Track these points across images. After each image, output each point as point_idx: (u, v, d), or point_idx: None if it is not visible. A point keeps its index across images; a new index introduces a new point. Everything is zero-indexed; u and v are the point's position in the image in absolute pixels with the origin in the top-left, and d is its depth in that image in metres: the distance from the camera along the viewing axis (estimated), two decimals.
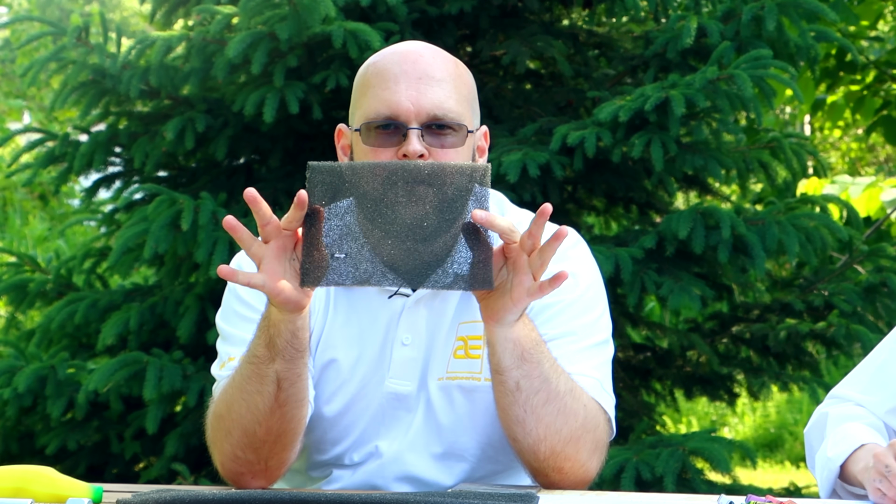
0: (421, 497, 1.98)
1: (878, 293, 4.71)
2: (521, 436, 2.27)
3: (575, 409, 2.27)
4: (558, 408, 2.25)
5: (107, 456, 4.71)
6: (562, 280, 2.14)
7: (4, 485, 2.09)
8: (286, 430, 2.28)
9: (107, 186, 5.04)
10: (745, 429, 9.52)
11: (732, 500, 2.09)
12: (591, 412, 2.30)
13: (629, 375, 4.98)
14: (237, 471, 2.31)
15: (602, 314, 2.44)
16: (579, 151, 4.27)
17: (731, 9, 4.54)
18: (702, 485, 4.12)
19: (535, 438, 2.26)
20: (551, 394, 2.24)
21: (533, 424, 2.25)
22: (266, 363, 2.21)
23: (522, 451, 2.29)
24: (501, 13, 4.87)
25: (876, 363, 2.47)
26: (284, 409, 2.25)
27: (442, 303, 2.42)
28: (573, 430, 2.27)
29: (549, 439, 2.26)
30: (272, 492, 1.99)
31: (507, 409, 2.26)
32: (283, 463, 2.33)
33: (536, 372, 2.23)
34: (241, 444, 2.28)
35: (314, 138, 4.72)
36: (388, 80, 2.34)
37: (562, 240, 2.14)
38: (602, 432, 2.33)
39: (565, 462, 2.28)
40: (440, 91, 2.34)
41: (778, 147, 4.79)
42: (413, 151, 2.30)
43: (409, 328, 2.41)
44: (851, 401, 2.45)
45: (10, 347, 4.77)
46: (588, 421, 2.29)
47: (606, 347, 2.44)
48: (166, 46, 4.57)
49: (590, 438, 2.29)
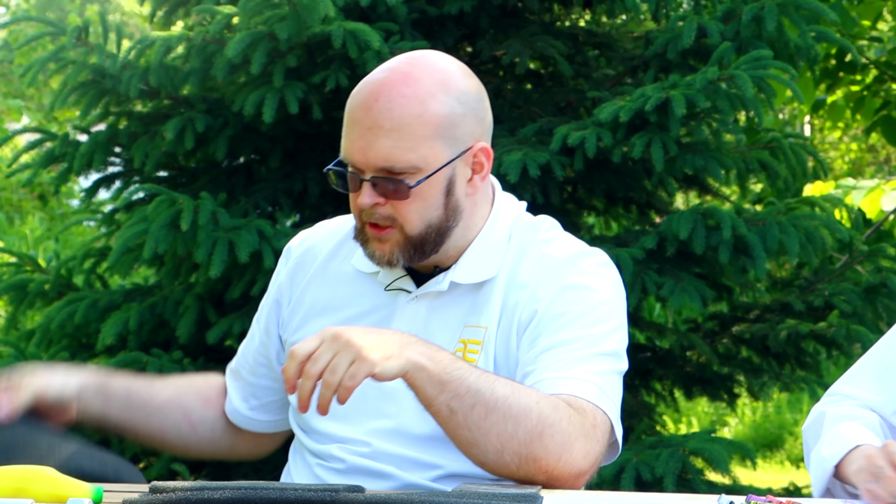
0: (424, 497, 1.97)
1: (878, 293, 4.71)
2: (482, 456, 2.21)
3: (524, 407, 2.19)
4: (503, 413, 2.18)
5: None
6: None
7: (4, 485, 2.08)
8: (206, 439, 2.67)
9: (107, 186, 5.04)
10: (745, 429, 9.52)
11: (732, 500, 2.08)
12: (548, 406, 2.21)
13: (629, 375, 4.95)
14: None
15: (614, 329, 2.38)
16: (580, 151, 4.27)
17: (732, 9, 4.54)
18: (702, 485, 4.12)
19: (494, 452, 2.20)
20: (489, 403, 2.17)
21: (484, 440, 2.19)
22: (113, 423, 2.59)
23: (493, 469, 2.24)
24: (501, 13, 4.87)
25: (883, 362, 2.44)
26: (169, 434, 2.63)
27: (445, 304, 2.41)
28: (530, 429, 2.19)
29: (507, 446, 2.19)
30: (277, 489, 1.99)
31: (455, 436, 2.21)
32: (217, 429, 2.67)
33: (463, 388, 2.16)
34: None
35: (314, 138, 4.72)
36: (349, 123, 2.35)
37: None
38: (574, 422, 2.22)
39: (539, 462, 2.21)
40: (387, 142, 2.30)
41: (778, 147, 4.79)
42: (364, 204, 2.33)
43: (406, 324, 2.39)
44: (854, 399, 2.44)
45: (10, 347, 4.77)
46: (545, 415, 2.20)
47: (614, 360, 2.38)
48: (166, 46, 4.57)
49: (555, 431, 2.19)
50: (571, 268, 2.39)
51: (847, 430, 2.31)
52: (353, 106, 2.35)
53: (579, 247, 2.46)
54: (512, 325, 2.38)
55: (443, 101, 2.35)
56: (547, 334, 2.34)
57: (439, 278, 2.42)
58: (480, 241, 2.43)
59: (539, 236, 2.46)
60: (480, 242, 2.43)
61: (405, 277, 2.44)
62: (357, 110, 2.34)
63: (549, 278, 2.38)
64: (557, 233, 2.49)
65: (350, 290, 2.49)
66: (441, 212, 2.36)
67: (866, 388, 2.43)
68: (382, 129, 2.30)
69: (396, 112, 2.31)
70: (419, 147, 2.32)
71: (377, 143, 2.30)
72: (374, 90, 2.35)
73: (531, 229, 2.47)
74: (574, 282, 2.38)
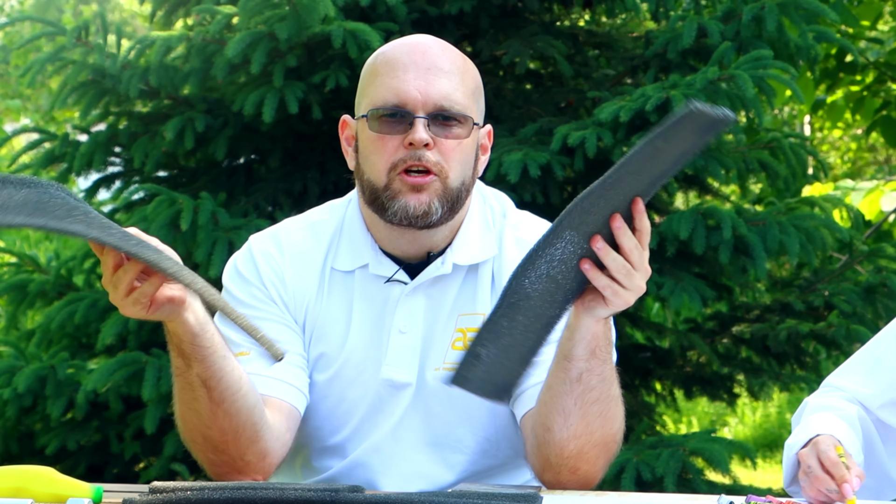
0: (424, 497, 1.98)
1: (878, 293, 4.71)
2: (559, 427, 2.27)
3: (616, 416, 2.29)
4: (603, 411, 2.26)
5: (107, 456, 4.71)
6: None
7: (4, 485, 2.08)
8: (238, 425, 2.28)
9: (107, 186, 5.04)
10: (745, 429, 9.52)
11: (732, 500, 2.09)
12: (622, 425, 2.32)
13: (629, 375, 4.97)
14: (220, 471, 2.33)
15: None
16: (580, 151, 4.27)
17: (732, 9, 4.54)
18: (702, 485, 4.12)
19: (570, 434, 2.26)
20: (603, 395, 2.25)
21: (575, 419, 2.25)
22: (186, 371, 2.25)
23: (551, 443, 2.29)
24: (501, 13, 4.87)
25: (874, 355, 2.47)
26: (224, 406, 2.26)
27: (441, 292, 2.41)
28: (605, 436, 2.28)
29: (581, 438, 2.27)
30: (277, 489, 1.99)
31: (559, 397, 2.25)
32: (263, 455, 2.33)
33: (599, 370, 2.24)
34: (208, 447, 2.31)
35: (314, 138, 4.72)
36: (396, 69, 2.35)
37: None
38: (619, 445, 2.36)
39: (584, 464, 2.30)
40: (447, 82, 2.34)
41: (778, 147, 4.79)
42: (419, 139, 2.31)
43: (406, 316, 2.40)
44: (844, 391, 2.46)
45: (10, 347, 4.77)
46: (619, 432, 2.31)
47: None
48: (166, 46, 4.57)
49: (612, 448, 2.32)
50: None
51: (816, 420, 2.33)
52: (400, 53, 2.37)
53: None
54: None
55: (474, 68, 2.44)
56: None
57: (437, 263, 2.41)
58: (468, 222, 2.45)
59: (508, 221, 2.49)
60: (468, 224, 2.45)
61: (400, 271, 2.43)
62: (410, 55, 2.36)
63: None
64: (519, 213, 2.52)
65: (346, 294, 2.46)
66: (470, 174, 2.39)
67: (857, 381, 2.46)
68: (442, 70, 2.35)
69: (451, 59, 2.38)
70: (469, 97, 2.37)
71: (438, 82, 2.34)
72: (422, 41, 2.40)
73: (500, 214, 2.50)
74: None
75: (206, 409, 2.26)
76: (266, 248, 2.47)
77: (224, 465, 2.33)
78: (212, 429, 2.28)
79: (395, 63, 2.35)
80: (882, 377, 2.42)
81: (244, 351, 2.38)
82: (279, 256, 2.46)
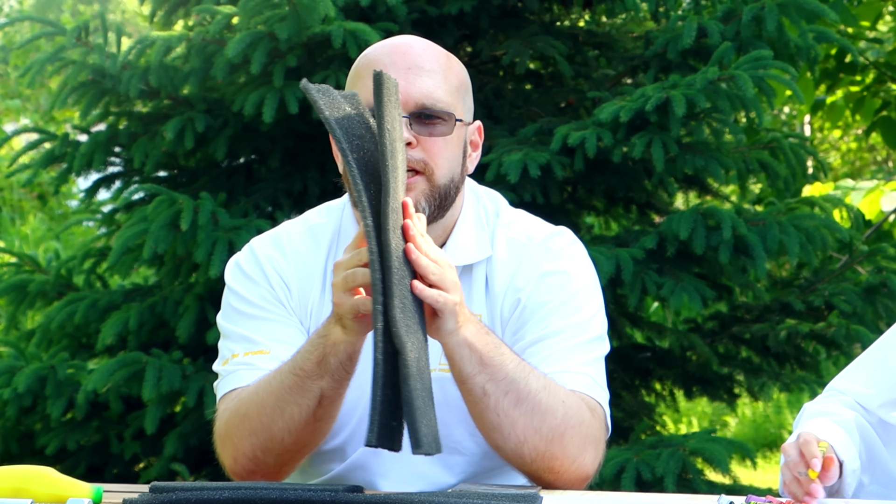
0: (424, 497, 1.98)
1: (878, 293, 4.71)
2: (502, 442, 2.26)
3: (552, 405, 2.25)
4: (532, 406, 2.23)
5: (107, 456, 4.71)
6: None
7: (4, 485, 2.08)
8: (313, 442, 2.31)
9: (107, 186, 5.04)
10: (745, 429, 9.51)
11: (732, 500, 2.09)
12: (573, 407, 2.27)
13: (629, 375, 4.97)
14: (250, 469, 2.32)
15: (595, 313, 2.43)
16: (580, 152, 4.27)
17: (732, 9, 4.54)
18: (702, 485, 4.12)
19: (515, 442, 2.25)
20: (521, 393, 2.23)
21: (509, 428, 2.24)
22: (312, 378, 2.23)
23: (508, 457, 2.28)
24: (501, 13, 4.87)
25: (878, 357, 2.48)
26: (319, 423, 2.28)
27: None
28: (554, 428, 2.25)
29: (529, 440, 2.24)
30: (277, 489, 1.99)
31: (481, 417, 2.25)
32: (295, 468, 2.37)
33: (501, 374, 2.21)
34: (264, 447, 2.29)
35: (314, 138, 4.72)
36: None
37: None
38: (592, 427, 2.30)
39: (554, 461, 2.27)
40: (429, 81, 2.35)
41: (778, 147, 4.79)
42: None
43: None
44: (846, 395, 2.47)
45: (10, 347, 4.77)
46: (569, 416, 2.26)
47: (600, 344, 2.43)
48: (166, 46, 4.57)
49: (575, 433, 2.27)
50: (545, 253, 2.43)
51: (811, 425, 2.33)
52: (381, 55, 2.37)
53: (543, 227, 2.49)
54: (496, 312, 2.42)
55: (460, 65, 2.44)
56: (533, 325, 2.36)
57: None
58: (462, 222, 2.45)
59: (501, 220, 2.48)
60: (462, 223, 2.45)
61: None
62: (390, 55, 2.36)
63: (526, 265, 2.42)
64: (513, 212, 2.52)
65: None
66: (458, 170, 2.39)
67: (860, 383, 2.46)
68: (423, 69, 2.35)
69: (433, 56, 2.38)
70: (452, 94, 2.37)
71: (419, 81, 2.34)
72: (403, 41, 2.40)
73: (492, 213, 2.50)
74: (551, 268, 2.41)
75: (301, 418, 2.25)
76: (269, 251, 2.48)
77: (260, 467, 2.32)
78: (290, 435, 2.27)
79: (375, 64, 2.34)
80: (885, 378, 2.43)
81: (263, 350, 2.39)
82: (282, 260, 2.46)
